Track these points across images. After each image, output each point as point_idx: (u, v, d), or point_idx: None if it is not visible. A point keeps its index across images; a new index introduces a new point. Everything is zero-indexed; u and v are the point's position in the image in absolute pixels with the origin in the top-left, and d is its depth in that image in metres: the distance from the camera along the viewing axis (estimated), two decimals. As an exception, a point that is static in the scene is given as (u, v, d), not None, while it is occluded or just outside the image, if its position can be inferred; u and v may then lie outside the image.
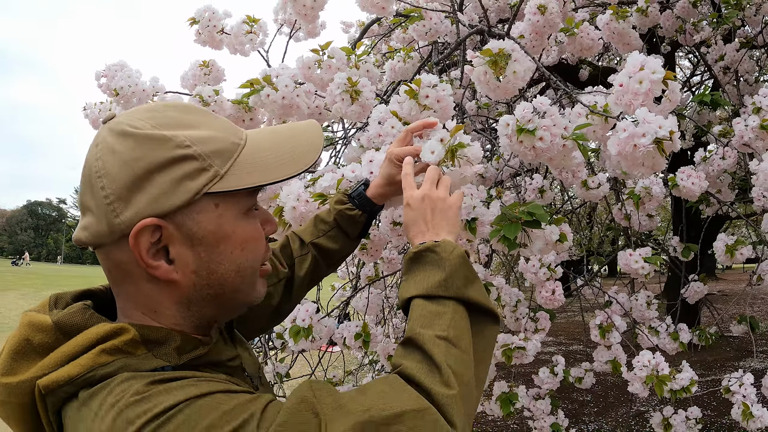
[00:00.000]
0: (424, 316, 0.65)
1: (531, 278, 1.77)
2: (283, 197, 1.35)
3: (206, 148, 0.53)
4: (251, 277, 0.59)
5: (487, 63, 1.27)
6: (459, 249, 0.72)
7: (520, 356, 1.61)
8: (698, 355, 4.89)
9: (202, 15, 2.04)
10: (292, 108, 1.58)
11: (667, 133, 1.02)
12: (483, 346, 0.67)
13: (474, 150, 0.97)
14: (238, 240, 0.56)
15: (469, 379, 0.61)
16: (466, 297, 0.68)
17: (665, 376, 1.62)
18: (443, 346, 0.61)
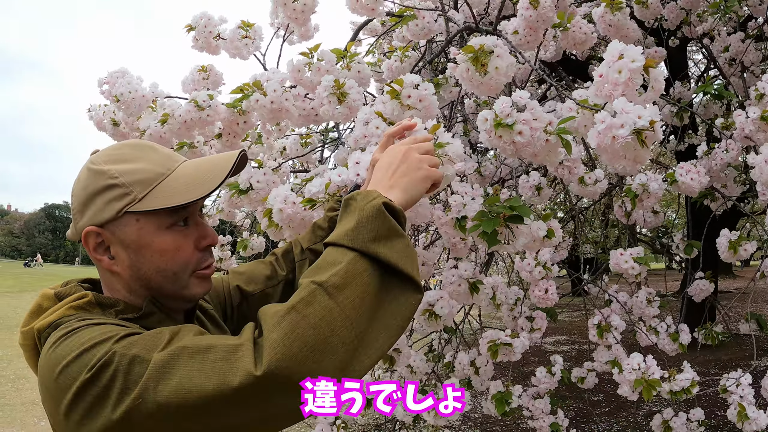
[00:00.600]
0: (319, 264, 0.65)
1: (526, 276, 1.76)
2: (271, 200, 1.37)
3: (130, 179, 0.71)
4: (174, 279, 0.73)
5: (468, 60, 1.27)
6: (378, 201, 0.68)
7: (508, 353, 1.59)
8: (713, 353, 4.78)
9: (198, 21, 2.07)
10: (281, 112, 1.59)
11: (647, 122, 0.98)
12: (392, 311, 0.64)
13: (455, 148, 0.97)
14: (156, 249, 0.72)
15: (329, 334, 0.58)
16: (373, 252, 0.64)
17: (655, 380, 1.58)
18: (308, 291, 0.60)
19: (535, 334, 1.78)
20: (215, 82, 2.11)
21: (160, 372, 0.56)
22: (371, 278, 0.64)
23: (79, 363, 0.59)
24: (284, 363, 0.55)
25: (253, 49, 2.09)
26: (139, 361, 0.57)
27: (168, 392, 0.55)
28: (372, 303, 0.63)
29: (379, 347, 0.63)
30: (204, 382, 0.55)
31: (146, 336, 0.61)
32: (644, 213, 2.53)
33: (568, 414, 4.06)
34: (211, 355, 0.57)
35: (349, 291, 0.61)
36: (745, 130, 2.09)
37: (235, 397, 0.54)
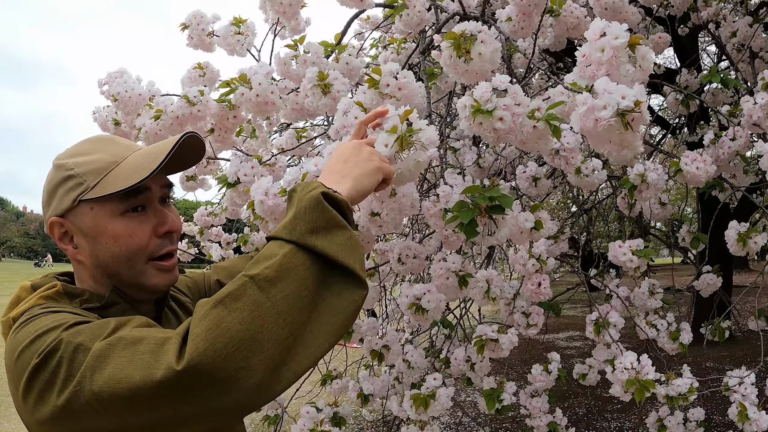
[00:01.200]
0: (256, 258, 0.62)
1: (520, 270, 1.72)
2: (253, 192, 1.36)
3: (84, 169, 0.74)
4: (129, 265, 0.75)
5: (451, 46, 1.24)
6: (316, 191, 0.65)
7: (496, 349, 1.55)
8: (727, 349, 4.65)
9: (191, 20, 2.08)
10: (267, 105, 1.59)
11: (632, 103, 0.91)
12: (332, 308, 0.61)
13: (428, 134, 0.94)
14: (110, 235, 0.74)
15: (257, 330, 0.55)
16: (311, 244, 0.61)
17: (649, 381, 1.51)
18: (238, 285, 0.58)
19: (531, 330, 1.74)
20: (212, 79, 2.12)
21: (97, 361, 0.57)
22: (308, 272, 0.61)
23: (32, 348, 0.61)
24: (206, 359, 0.53)
25: (247, 46, 2.09)
26: (83, 349, 0.58)
27: (102, 382, 0.55)
28: (310, 299, 0.60)
29: (319, 346, 0.60)
30: (132, 373, 0.55)
31: (94, 325, 0.62)
32: (651, 205, 2.46)
33: (580, 410, 4.00)
34: (141, 346, 0.57)
35: (283, 285, 0.59)
36: (753, 117, 2.02)
37: (159, 390, 0.54)
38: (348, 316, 0.62)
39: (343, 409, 2.02)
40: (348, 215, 0.67)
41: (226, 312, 0.56)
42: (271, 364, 0.56)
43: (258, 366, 0.55)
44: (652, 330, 1.92)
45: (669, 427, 1.74)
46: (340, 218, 0.65)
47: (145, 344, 0.57)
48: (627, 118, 0.93)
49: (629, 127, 0.94)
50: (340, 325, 0.61)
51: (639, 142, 0.98)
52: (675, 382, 1.63)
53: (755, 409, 1.63)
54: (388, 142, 0.85)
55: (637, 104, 0.92)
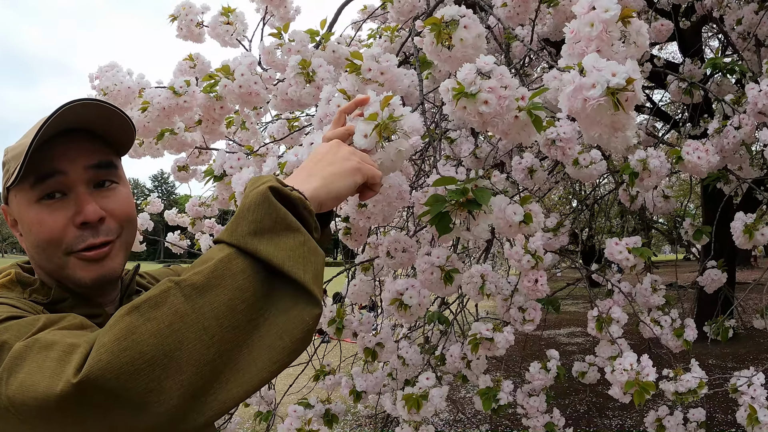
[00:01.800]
0: (194, 263, 0.54)
1: (515, 266, 1.67)
2: (234, 184, 1.32)
3: (10, 155, 0.71)
4: (46, 255, 0.69)
5: (432, 32, 1.18)
6: (264, 186, 0.54)
7: (492, 348, 1.50)
8: (730, 346, 4.57)
9: (179, 11, 2.05)
10: (251, 96, 1.54)
11: (623, 81, 0.83)
12: (276, 327, 0.51)
13: (411, 121, 0.88)
14: (26, 222, 0.69)
15: (174, 346, 0.47)
16: (252, 248, 0.51)
17: (648, 383, 1.44)
18: (160, 290, 0.49)
19: (528, 326, 1.68)
20: (202, 70, 2.08)
21: (13, 363, 0.51)
22: (249, 282, 0.50)
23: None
24: (107, 374, 0.45)
25: (236, 36, 2.05)
26: (6, 348, 0.53)
27: (15, 387, 0.49)
28: (248, 314, 0.50)
29: (257, 373, 0.49)
30: (38, 381, 0.48)
31: (24, 321, 0.57)
32: (654, 198, 2.39)
33: (581, 407, 3.95)
34: (51, 352, 0.50)
35: (213, 295, 0.49)
36: (758, 105, 1.95)
37: (60, 404, 0.46)
38: (295, 339, 0.51)
39: (336, 406, 1.98)
40: (305, 216, 0.56)
41: (141, 320, 0.47)
42: (190, 390, 0.47)
43: (172, 390, 0.46)
44: (656, 327, 1.86)
45: (668, 427, 1.68)
46: (292, 218, 0.54)
47: (55, 350, 0.50)
48: (619, 97, 0.86)
49: (621, 107, 0.86)
50: (286, 350, 0.51)
51: (632, 123, 0.91)
52: (683, 378, 1.56)
53: (766, 411, 1.55)
54: (367, 131, 0.79)
55: (630, 82, 0.84)
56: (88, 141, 0.70)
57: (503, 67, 1.07)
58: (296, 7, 1.97)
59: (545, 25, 2.19)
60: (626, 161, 1.98)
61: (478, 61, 1.05)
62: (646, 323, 1.88)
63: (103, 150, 0.71)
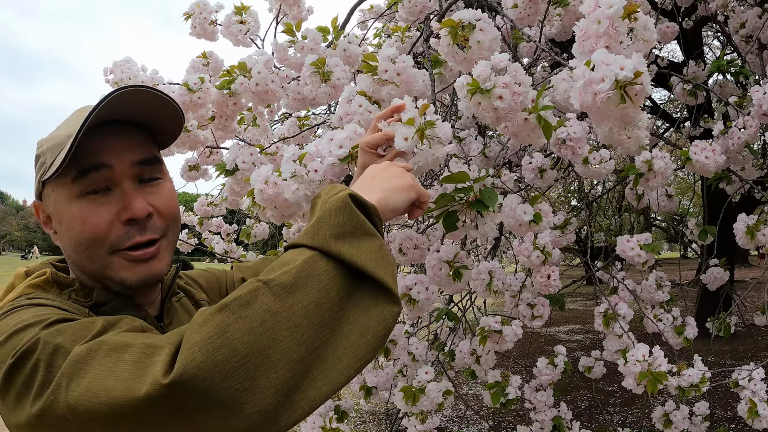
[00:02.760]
0: (272, 265, 0.54)
1: (524, 262, 1.70)
2: (253, 180, 1.35)
3: (46, 147, 0.68)
4: (88, 254, 0.66)
5: (449, 34, 1.21)
6: (343, 193, 0.57)
7: (500, 341, 1.54)
8: (729, 344, 4.62)
9: (194, 9, 2.07)
10: (267, 93, 1.57)
11: (631, 74, 0.86)
12: (359, 325, 0.52)
13: (444, 129, 0.91)
14: (67, 219, 0.67)
15: (268, 344, 0.47)
16: (335, 251, 0.53)
17: (661, 373, 1.48)
18: (249, 289, 0.50)
19: (536, 321, 1.72)
20: (216, 68, 2.10)
21: (75, 368, 0.49)
22: (332, 282, 0.52)
23: (8, 346, 0.54)
24: (201, 373, 0.44)
25: (250, 34, 2.07)
26: (62, 352, 0.51)
27: (78, 393, 0.48)
28: (333, 313, 0.51)
29: (343, 371, 0.50)
30: (112, 386, 0.47)
31: (78, 324, 0.54)
32: (658, 196, 2.43)
33: (582, 404, 3.99)
34: (126, 354, 0.48)
35: (302, 294, 0.50)
36: (763, 107, 1.98)
37: (142, 408, 0.45)
38: (378, 336, 0.53)
39: (345, 402, 2.01)
40: (377, 224, 0.58)
41: (232, 318, 0.47)
42: (284, 388, 0.47)
43: (266, 388, 0.46)
44: (660, 323, 1.90)
45: (675, 421, 1.72)
46: (370, 225, 0.57)
47: (131, 352, 0.48)
48: (627, 90, 0.88)
49: (630, 99, 0.88)
50: (369, 347, 0.52)
51: (642, 116, 0.93)
52: (686, 373, 1.61)
53: (765, 405, 1.61)
54: (408, 134, 0.82)
55: (637, 75, 0.87)
56: (133, 133, 0.67)
57: (517, 65, 1.10)
58: (309, 7, 2.00)
59: (552, 26, 2.22)
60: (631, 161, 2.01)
61: (493, 59, 1.08)
62: (649, 318, 1.92)
63: (149, 144, 0.70)
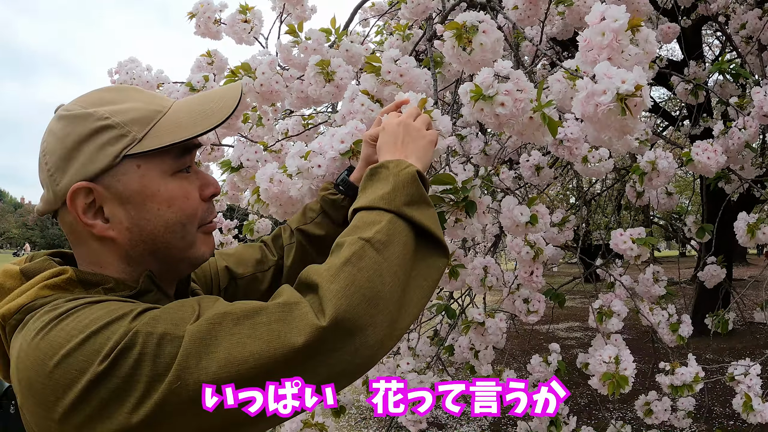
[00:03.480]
0: (356, 225, 0.65)
1: (515, 257, 1.72)
2: (258, 178, 1.38)
3: (124, 118, 0.61)
4: (183, 233, 0.64)
5: (453, 36, 1.24)
6: (412, 168, 0.71)
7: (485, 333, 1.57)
8: (727, 341, 4.65)
9: (197, 8, 2.09)
10: (272, 94, 1.59)
11: (632, 87, 0.90)
12: (423, 272, 0.65)
13: (444, 122, 0.95)
14: (163, 198, 0.62)
15: (381, 288, 0.58)
16: (409, 215, 0.66)
17: (624, 377, 1.53)
18: (358, 246, 0.60)
19: (532, 317, 1.75)
20: (220, 67, 2.12)
21: (200, 346, 0.49)
22: (409, 238, 0.65)
23: (86, 351, 0.48)
24: (348, 314, 0.54)
25: (254, 34, 2.09)
26: (170, 338, 0.49)
27: (216, 367, 0.49)
28: (411, 262, 0.64)
29: (414, 306, 0.63)
30: (261, 347, 0.50)
31: (169, 309, 0.53)
32: (657, 194, 2.45)
33: (582, 400, 4.02)
34: (263, 317, 0.53)
35: (393, 248, 0.62)
36: (764, 109, 2.01)
37: (300, 357, 0.51)
38: (434, 280, 0.66)
39: (345, 397, 2.03)
40: (428, 191, 0.73)
41: (355, 270, 0.58)
42: (391, 320, 0.58)
43: (382, 322, 0.57)
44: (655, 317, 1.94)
45: (655, 411, 1.77)
46: (428, 197, 0.70)
47: (265, 314, 0.53)
48: (627, 103, 0.92)
49: (629, 112, 0.92)
50: (429, 288, 0.65)
51: (640, 126, 0.97)
52: (679, 371, 1.64)
53: (760, 400, 1.65)
54: None
55: (638, 88, 0.90)
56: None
57: (519, 72, 1.13)
58: (312, 6, 2.02)
59: (554, 26, 2.24)
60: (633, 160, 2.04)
61: (496, 65, 1.11)
62: (643, 313, 1.95)
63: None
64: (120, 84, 0.68)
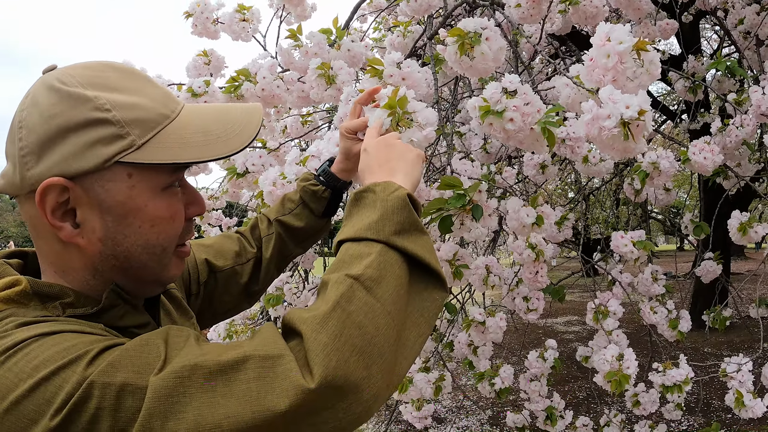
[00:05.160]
0: (342, 260, 0.58)
1: (517, 258, 1.74)
2: (261, 183, 1.39)
3: (127, 115, 0.53)
4: (160, 256, 0.57)
5: (455, 44, 1.24)
6: (401, 191, 0.63)
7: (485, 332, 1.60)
8: (726, 335, 4.70)
9: (194, 8, 2.08)
10: (274, 98, 1.59)
11: (635, 113, 0.92)
12: (419, 308, 0.58)
13: (426, 114, 0.92)
14: (148, 216, 0.55)
15: (374, 334, 0.50)
16: (401, 245, 0.59)
17: (625, 376, 1.57)
18: (346, 286, 0.53)
19: (531, 315, 1.77)
20: (217, 66, 2.12)
21: (166, 404, 0.43)
22: (402, 271, 0.58)
23: (36, 401, 0.43)
24: (339, 371, 0.47)
25: (252, 32, 2.09)
26: (131, 390, 0.43)
27: (185, 429, 0.43)
28: (405, 297, 0.57)
29: (412, 347, 0.56)
30: (238, 410, 0.43)
31: (129, 351, 0.46)
32: (655, 190, 2.47)
33: (581, 394, 4.07)
34: (239, 374, 0.45)
35: (386, 284, 0.55)
36: (761, 107, 2.02)
37: (282, 422, 0.44)
38: (432, 316, 0.59)
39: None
40: (420, 215, 0.65)
41: (345, 316, 0.50)
42: (388, 369, 0.51)
43: (378, 372, 0.50)
44: (654, 316, 1.97)
45: (642, 403, 1.81)
46: (421, 223, 0.63)
47: (242, 371, 0.45)
48: (630, 127, 0.94)
49: (632, 136, 0.95)
50: (427, 324, 0.58)
51: (643, 148, 0.99)
52: (670, 372, 1.67)
53: (751, 396, 1.68)
54: (383, 119, 0.85)
55: (641, 113, 0.93)
56: None
57: (527, 86, 1.14)
58: (312, 4, 2.01)
59: (553, 24, 2.24)
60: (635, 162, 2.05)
61: (503, 80, 1.12)
62: (644, 312, 1.98)
63: None
64: (131, 67, 0.58)
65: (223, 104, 0.64)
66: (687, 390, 1.80)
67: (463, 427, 3.66)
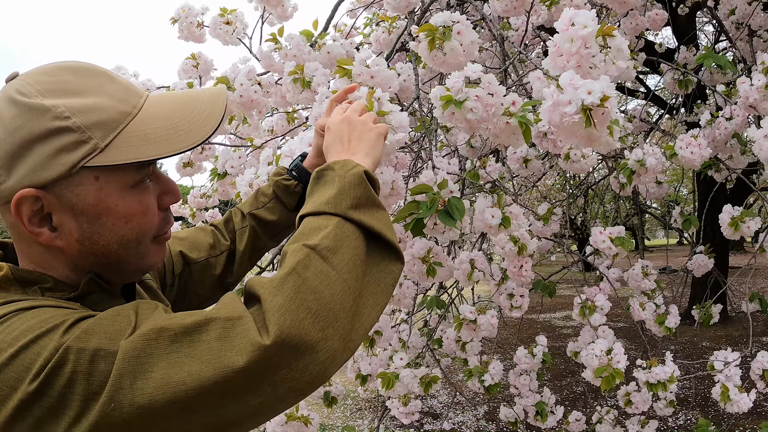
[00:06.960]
0: (301, 232, 0.60)
1: (500, 252, 1.74)
2: (238, 185, 1.40)
3: (87, 119, 0.54)
4: (137, 249, 0.60)
5: (426, 39, 1.24)
6: (359, 168, 0.66)
7: (477, 330, 1.60)
8: (724, 329, 4.67)
9: (179, 13, 2.09)
10: (252, 103, 1.60)
11: (597, 99, 0.88)
12: (376, 279, 0.61)
13: (398, 117, 0.94)
14: (120, 214, 0.57)
15: (330, 299, 0.53)
16: (356, 218, 0.61)
17: (618, 371, 1.55)
18: (302, 254, 0.56)
19: (515, 312, 1.77)
20: (205, 69, 2.13)
21: (135, 365, 0.46)
22: (359, 242, 0.60)
23: (16, 368, 0.46)
24: (293, 330, 0.50)
25: (237, 35, 2.09)
26: (103, 355, 0.46)
27: (152, 388, 0.46)
28: (362, 268, 0.59)
29: (368, 316, 0.59)
30: (200, 368, 0.47)
31: (102, 320, 0.49)
32: (647, 184, 2.45)
33: (577, 388, 4.06)
34: (202, 335, 0.48)
35: (342, 254, 0.58)
36: (749, 99, 1.99)
37: (241, 378, 0.48)
38: (389, 287, 0.62)
39: (336, 388, 2.07)
40: (378, 193, 0.67)
41: (300, 281, 0.53)
42: (344, 333, 0.54)
43: (333, 336, 0.53)
44: (643, 312, 1.96)
45: (635, 402, 1.80)
46: (378, 198, 0.66)
47: (204, 332, 0.49)
48: (592, 114, 0.90)
49: (593, 124, 0.91)
50: (383, 294, 0.61)
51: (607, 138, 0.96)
52: (655, 370, 1.67)
53: (737, 390, 1.67)
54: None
55: (604, 100, 0.89)
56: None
57: (491, 75, 1.12)
58: (293, 5, 2.01)
59: (539, 16, 2.22)
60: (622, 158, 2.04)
61: (466, 69, 1.11)
62: (634, 308, 1.97)
63: None
64: (88, 64, 0.59)
65: (189, 91, 0.65)
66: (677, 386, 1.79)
67: (458, 422, 3.67)
